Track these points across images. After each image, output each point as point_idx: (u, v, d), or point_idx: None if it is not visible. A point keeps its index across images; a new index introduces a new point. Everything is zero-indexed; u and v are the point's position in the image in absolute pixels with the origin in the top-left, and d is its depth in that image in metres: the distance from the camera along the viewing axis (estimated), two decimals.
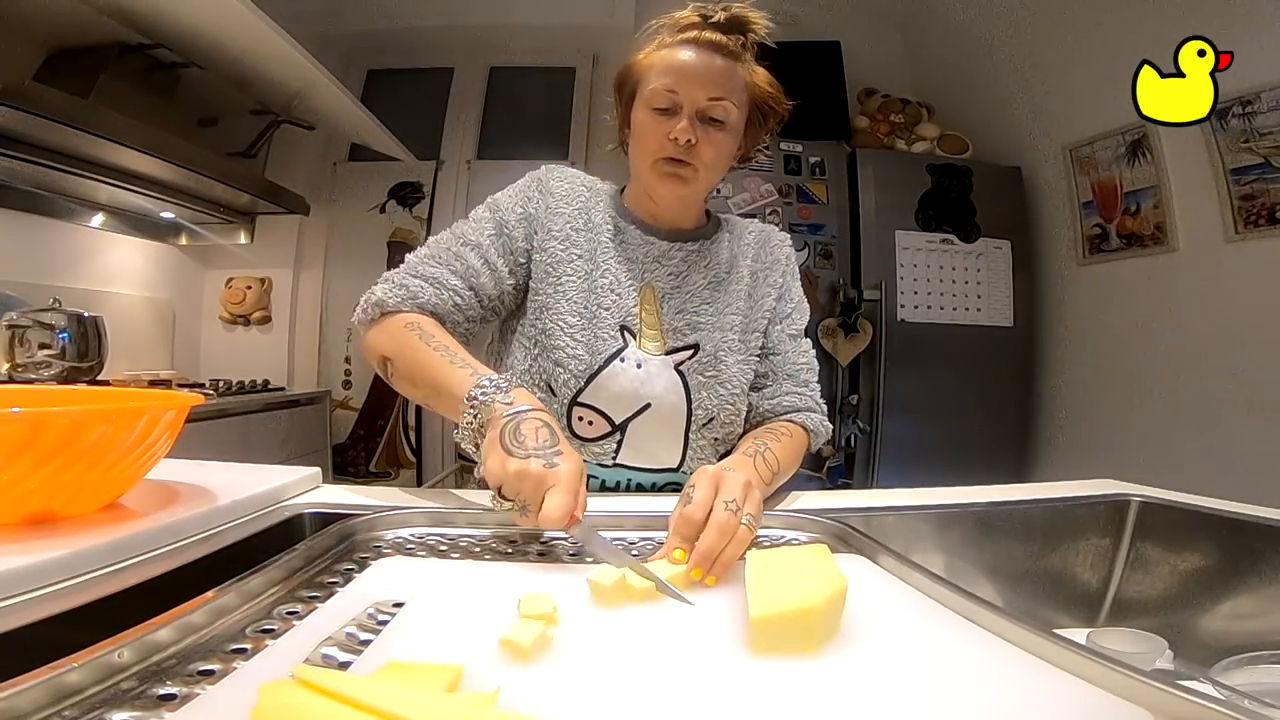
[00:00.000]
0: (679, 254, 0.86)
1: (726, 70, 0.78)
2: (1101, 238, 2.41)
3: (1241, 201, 1.96)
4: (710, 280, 0.86)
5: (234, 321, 3.02)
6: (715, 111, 0.78)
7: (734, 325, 0.85)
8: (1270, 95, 1.85)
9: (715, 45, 0.78)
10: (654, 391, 0.80)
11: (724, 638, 0.39)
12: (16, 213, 2.07)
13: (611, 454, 0.80)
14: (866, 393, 2.49)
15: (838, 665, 0.36)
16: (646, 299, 0.83)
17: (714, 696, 0.33)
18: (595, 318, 0.80)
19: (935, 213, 2.55)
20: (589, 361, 0.78)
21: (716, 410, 0.82)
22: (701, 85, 0.77)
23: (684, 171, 0.79)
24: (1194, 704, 0.31)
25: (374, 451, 3.10)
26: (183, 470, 0.66)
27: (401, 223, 3.10)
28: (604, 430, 0.80)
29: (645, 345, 0.81)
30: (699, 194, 0.86)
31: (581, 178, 0.90)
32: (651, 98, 0.79)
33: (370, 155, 3.04)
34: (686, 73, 0.77)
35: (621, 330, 0.81)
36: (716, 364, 0.82)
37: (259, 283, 3.02)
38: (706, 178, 0.82)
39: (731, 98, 0.78)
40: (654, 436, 0.81)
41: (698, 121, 0.78)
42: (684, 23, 0.80)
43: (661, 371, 0.80)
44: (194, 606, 0.39)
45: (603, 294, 0.81)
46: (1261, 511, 0.70)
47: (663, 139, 0.78)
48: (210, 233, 2.89)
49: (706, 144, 0.78)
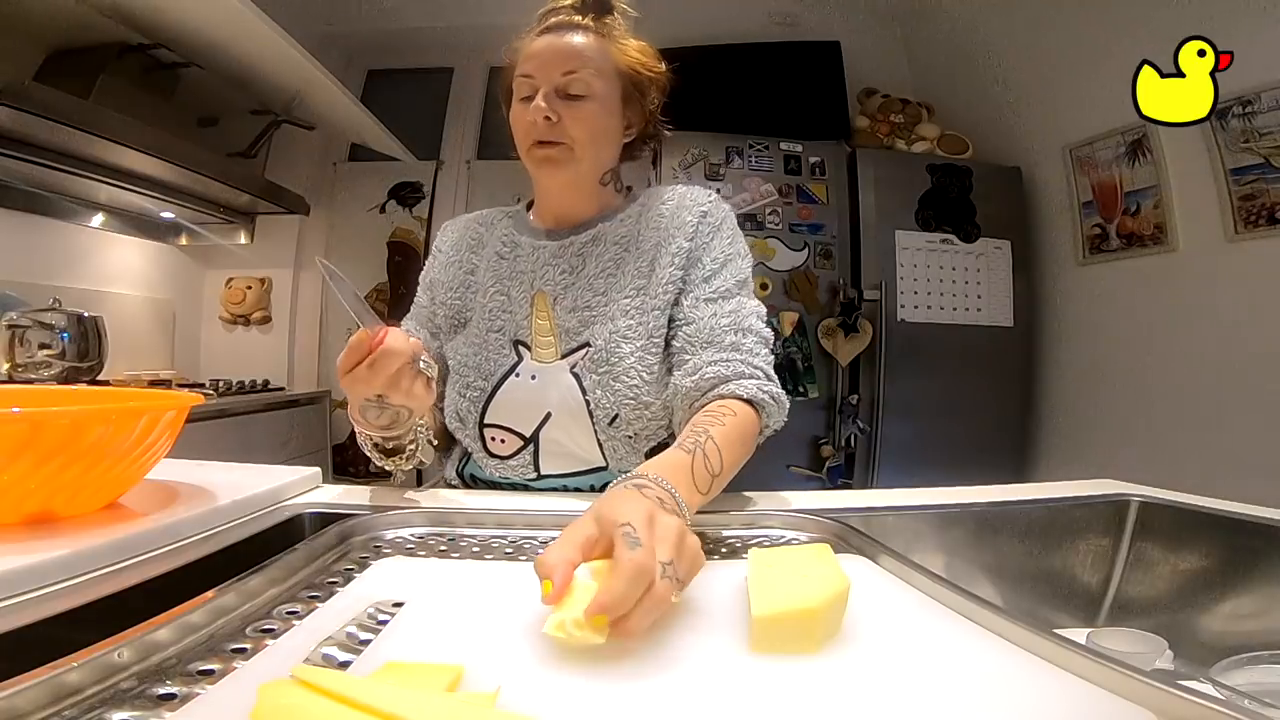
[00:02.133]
0: (569, 250, 0.83)
1: (580, 46, 0.78)
2: (1101, 238, 2.41)
3: (1241, 201, 1.96)
4: (604, 268, 0.82)
5: (234, 321, 3.02)
6: (573, 86, 0.77)
7: (628, 310, 0.79)
8: (1270, 95, 1.85)
9: (568, 25, 0.79)
10: (550, 400, 0.79)
11: (726, 637, 0.39)
12: (16, 213, 2.07)
13: (530, 465, 0.81)
14: (866, 393, 2.48)
15: (838, 665, 0.36)
16: (539, 307, 0.82)
17: (715, 696, 0.33)
18: (485, 342, 0.82)
19: (935, 213, 2.55)
20: (482, 385, 0.81)
21: (617, 408, 0.76)
22: (554, 63, 0.77)
23: (555, 152, 0.78)
24: (1194, 704, 0.31)
25: None
26: (183, 470, 0.66)
27: (401, 223, 3.10)
28: (517, 445, 0.81)
29: (540, 355, 0.81)
30: (584, 175, 0.82)
31: (476, 217, 0.94)
32: (518, 89, 0.79)
33: (370, 155, 3.04)
34: (540, 56, 0.78)
35: (515, 345, 0.82)
36: (610, 358, 0.77)
37: (259, 283, 3.02)
38: (584, 154, 0.79)
39: (586, 69, 0.77)
40: (566, 441, 0.80)
41: (557, 99, 0.77)
42: (541, 13, 0.81)
43: (556, 378, 0.79)
44: (194, 606, 0.39)
45: (493, 317, 0.83)
46: (1261, 511, 0.70)
47: (529, 125, 0.78)
48: (210, 233, 2.89)
49: (571, 119, 0.77)
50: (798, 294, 2.47)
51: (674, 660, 0.36)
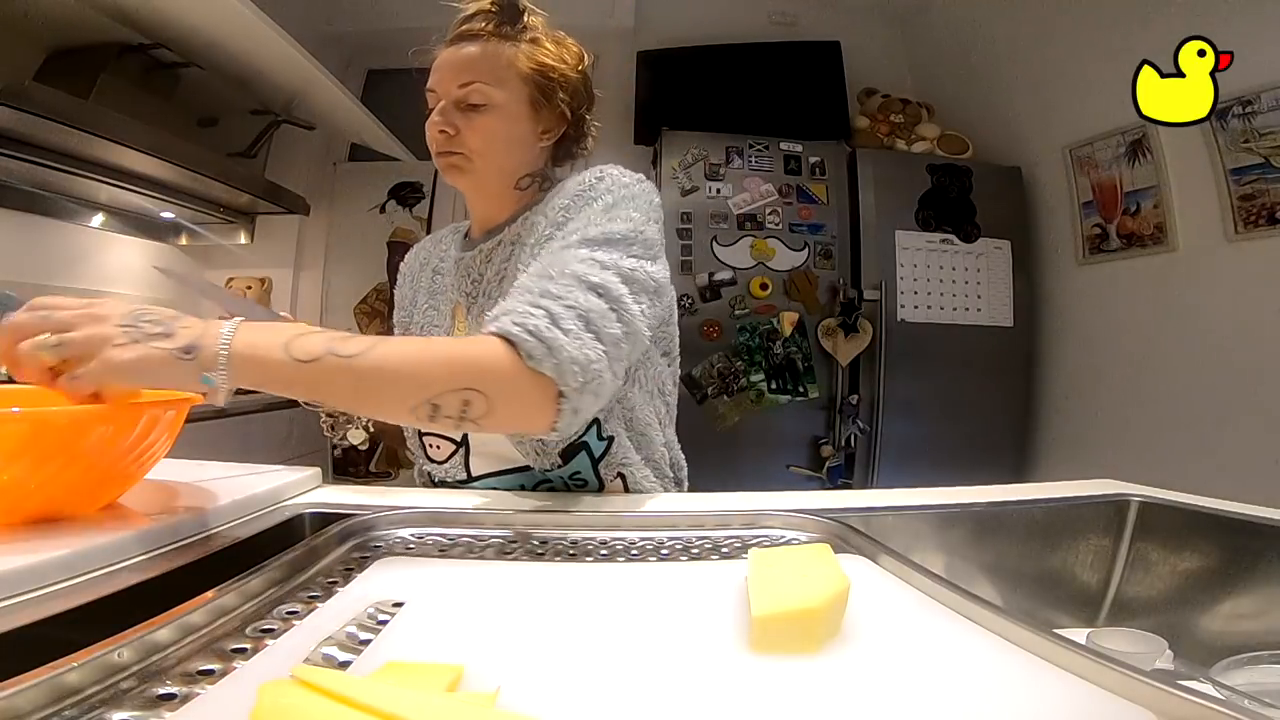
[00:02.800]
0: (479, 258, 0.84)
1: (476, 55, 0.78)
2: (1101, 238, 2.41)
3: (1241, 201, 1.96)
4: (498, 271, 0.82)
5: None
6: (472, 97, 0.78)
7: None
8: (1270, 95, 1.85)
9: (470, 35, 0.79)
10: None
11: (726, 637, 0.39)
12: (16, 213, 2.07)
13: (461, 467, 0.83)
14: (866, 393, 2.48)
15: (838, 665, 0.36)
16: (459, 318, 0.86)
17: (715, 696, 0.33)
18: None
19: (935, 213, 2.55)
20: None
21: None
22: (451, 75, 0.78)
23: (455, 160, 0.79)
24: (1194, 704, 0.31)
25: (374, 451, 3.10)
26: (183, 470, 0.66)
27: (401, 223, 3.10)
28: (450, 449, 0.84)
29: None
30: (488, 182, 0.82)
31: (433, 238, 0.97)
32: (429, 101, 0.81)
33: (370, 155, 3.04)
34: (440, 69, 0.79)
35: None
36: None
37: (259, 283, 3.01)
38: (483, 163, 0.79)
39: (484, 79, 0.77)
40: (489, 443, 0.82)
41: (456, 110, 0.78)
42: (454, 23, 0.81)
43: None
44: (194, 606, 0.39)
45: (426, 333, 0.87)
46: (1261, 511, 0.70)
47: (431, 138, 0.79)
48: (210, 233, 2.89)
49: (469, 130, 0.78)
50: (798, 294, 2.47)
51: (674, 660, 0.36)
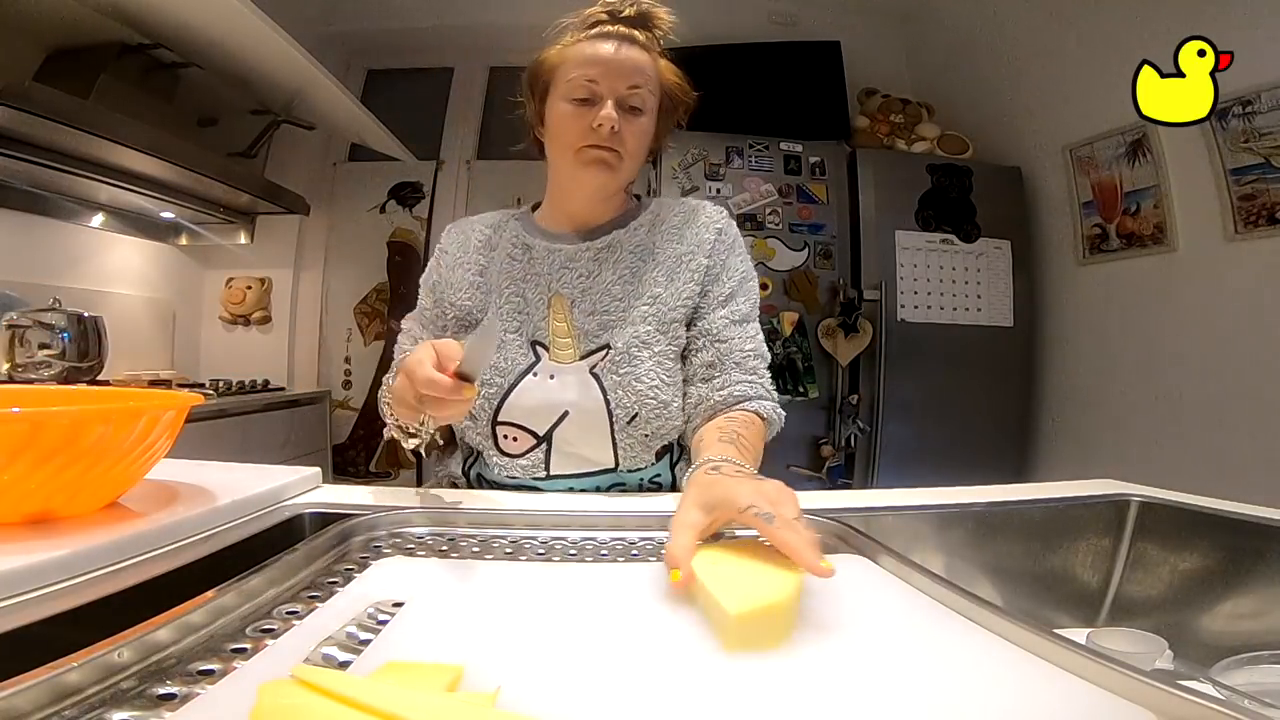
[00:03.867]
0: (587, 254, 0.85)
1: (641, 60, 0.81)
2: (1101, 238, 2.41)
3: (1241, 201, 1.96)
4: (621, 275, 0.84)
5: (234, 321, 3.02)
6: (634, 100, 0.81)
7: (647, 317, 0.82)
8: (1270, 95, 1.85)
9: (628, 37, 0.81)
10: (569, 399, 0.80)
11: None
12: (16, 213, 2.07)
13: (542, 464, 0.82)
14: (866, 393, 2.48)
15: (838, 665, 0.36)
16: (557, 309, 0.84)
17: (716, 697, 0.33)
18: (503, 343, 0.83)
19: (935, 213, 2.55)
20: (500, 382, 0.81)
21: (637, 407, 0.80)
22: (620, 75, 0.80)
23: (609, 157, 0.81)
24: (1194, 704, 0.31)
25: (374, 451, 3.10)
26: (183, 470, 0.66)
27: (401, 223, 3.10)
28: (529, 444, 0.82)
29: (558, 355, 0.82)
30: (621, 183, 0.86)
31: (481, 220, 0.93)
32: (570, 89, 0.80)
33: (370, 155, 3.04)
34: (605, 63, 0.79)
35: (533, 346, 0.83)
36: (630, 360, 0.80)
37: (259, 283, 3.02)
38: (629, 165, 0.83)
39: (647, 86, 0.81)
40: (579, 441, 0.81)
41: (619, 110, 0.80)
42: (593, 19, 0.83)
43: (575, 378, 0.81)
44: (194, 606, 0.39)
45: (509, 318, 0.84)
46: (1261, 511, 0.70)
47: (585, 129, 0.80)
48: (210, 233, 2.89)
49: (629, 131, 0.81)
50: (798, 294, 2.47)
51: (676, 661, 0.36)
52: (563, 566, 0.53)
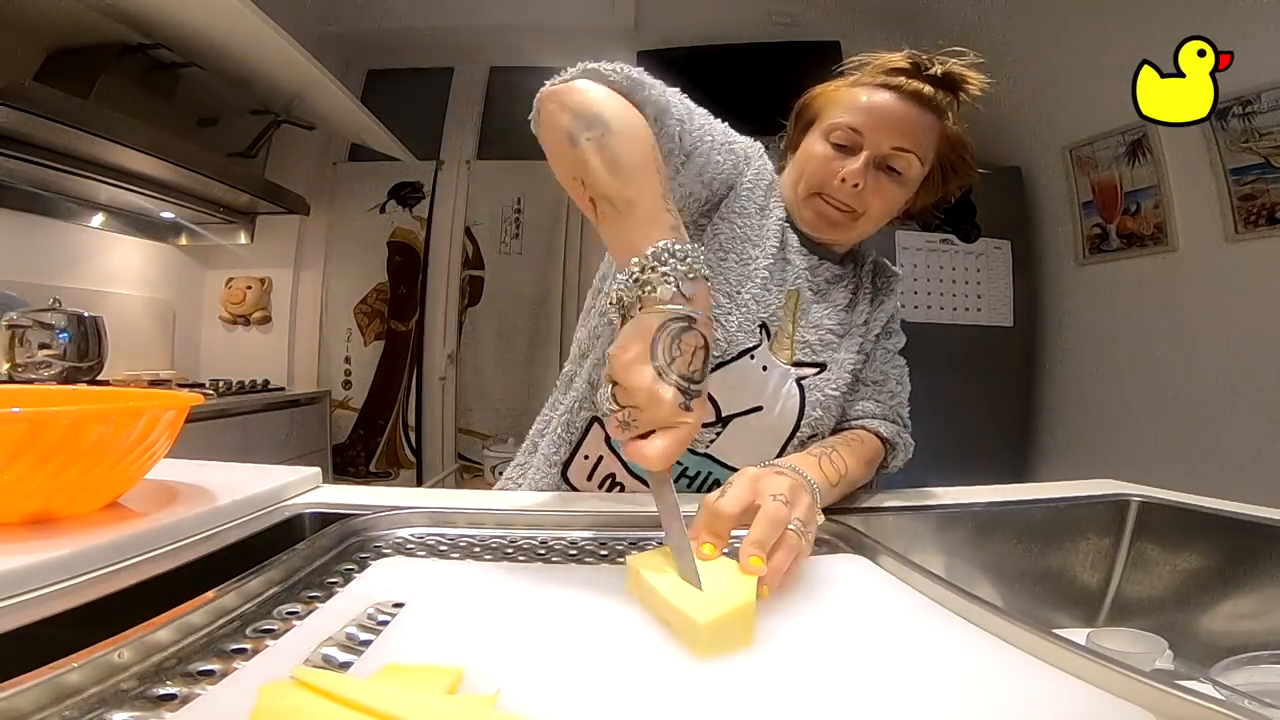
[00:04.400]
0: (826, 272, 0.83)
1: (922, 123, 0.74)
2: (1101, 238, 2.41)
3: (1241, 201, 1.96)
4: (842, 303, 0.84)
5: (234, 321, 3.02)
6: (896, 162, 0.74)
7: (857, 349, 0.83)
8: (1270, 95, 1.85)
9: (918, 96, 0.74)
10: (768, 394, 0.77)
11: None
12: (16, 213, 2.07)
13: (706, 443, 0.78)
14: None
15: (839, 665, 0.36)
16: (790, 304, 0.80)
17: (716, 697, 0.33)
18: (743, 305, 0.76)
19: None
20: (724, 348, 0.75)
21: (821, 428, 0.79)
22: (890, 132, 0.73)
23: (842, 219, 0.76)
24: (1194, 704, 0.31)
25: (374, 451, 3.10)
26: (183, 470, 0.66)
27: (401, 223, 3.10)
28: (710, 418, 0.76)
29: (777, 349, 0.79)
30: (847, 243, 0.84)
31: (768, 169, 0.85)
32: (831, 131, 0.76)
33: (370, 155, 3.04)
34: (878, 115, 0.73)
35: (761, 327, 0.78)
36: (840, 387, 0.80)
37: (259, 283, 3.02)
38: (864, 227, 0.79)
39: (918, 151, 0.75)
40: (754, 438, 0.78)
41: (873, 168, 0.74)
42: (892, 65, 0.75)
43: (783, 380, 0.78)
44: (194, 606, 0.39)
45: (756, 285, 0.76)
46: (1261, 511, 0.70)
47: (830, 177, 0.75)
48: (210, 233, 2.89)
49: (875, 193, 0.75)
50: None
51: (679, 663, 0.36)
52: (563, 567, 0.53)
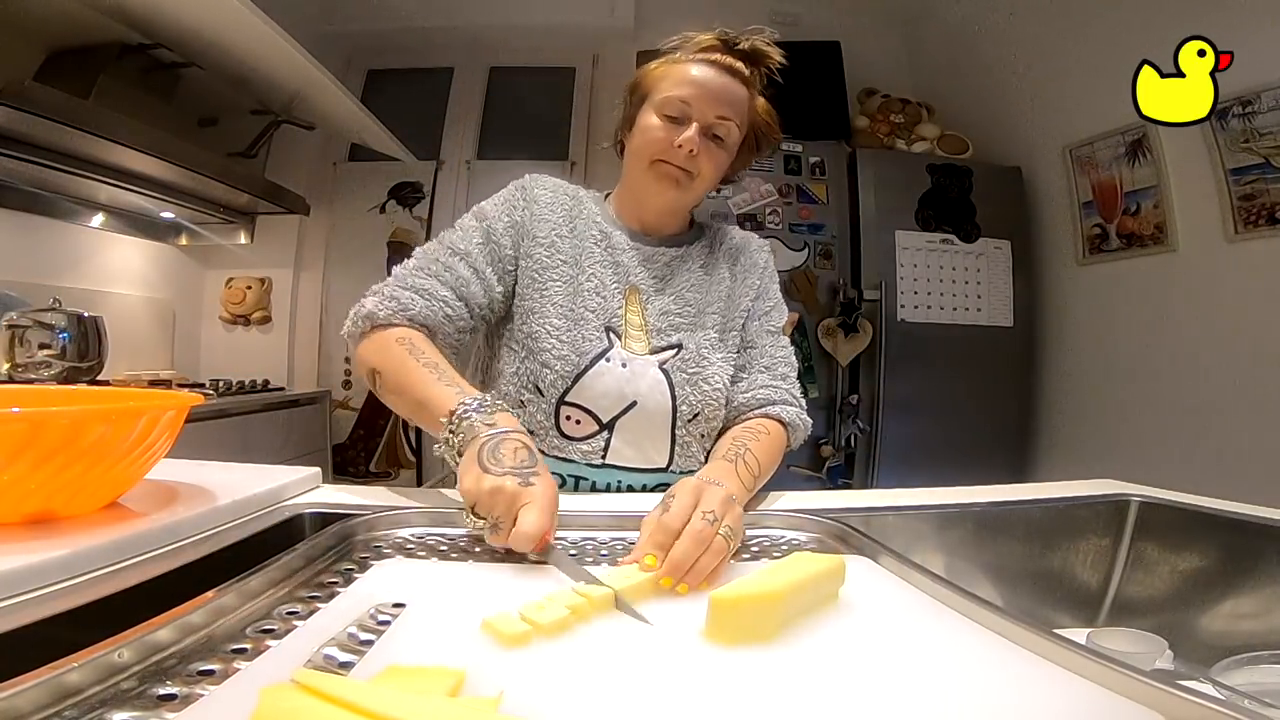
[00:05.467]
0: (664, 258, 0.90)
1: (738, 94, 0.84)
2: (1101, 238, 2.41)
3: (1241, 201, 1.96)
4: (691, 283, 0.89)
5: (234, 321, 3.02)
6: (720, 129, 0.84)
7: (714, 324, 0.88)
8: (1270, 95, 1.85)
9: (731, 69, 0.84)
10: (639, 389, 0.81)
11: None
12: (16, 213, 2.07)
13: (600, 452, 0.81)
14: (866, 393, 2.48)
15: (839, 665, 0.36)
16: (631, 300, 0.86)
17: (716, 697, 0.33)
18: (581, 319, 0.82)
19: (935, 213, 2.55)
20: (575, 361, 0.80)
21: (700, 406, 0.83)
22: (713, 102, 0.83)
23: (682, 177, 0.84)
24: (1194, 704, 0.31)
25: (374, 451, 3.10)
26: (183, 470, 0.66)
27: (401, 223, 3.10)
28: (592, 429, 0.81)
29: (630, 345, 0.83)
30: (687, 203, 0.91)
31: (565, 186, 0.93)
32: (664, 105, 0.84)
33: (370, 155, 3.04)
34: (703, 88, 0.83)
35: (606, 331, 0.83)
36: (699, 361, 0.84)
37: (259, 283, 3.02)
38: (700, 188, 0.87)
39: (736, 119, 0.85)
40: (641, 434, 0.82)
41: (703, 135, 0.83)
42: (707, 43, 0.86)
43: (646, 370, 0.82)
44: (194, 606, 0.39)
45: (588, 296, 0.83)
46: (1261, 511, 0.70)
47: (668, 144, 0.83)
48: (210, 233, 2.89)
49: (706, 157, 0.84)
50: (798, 294, 2.47)
51: (681, 665, 0.36)
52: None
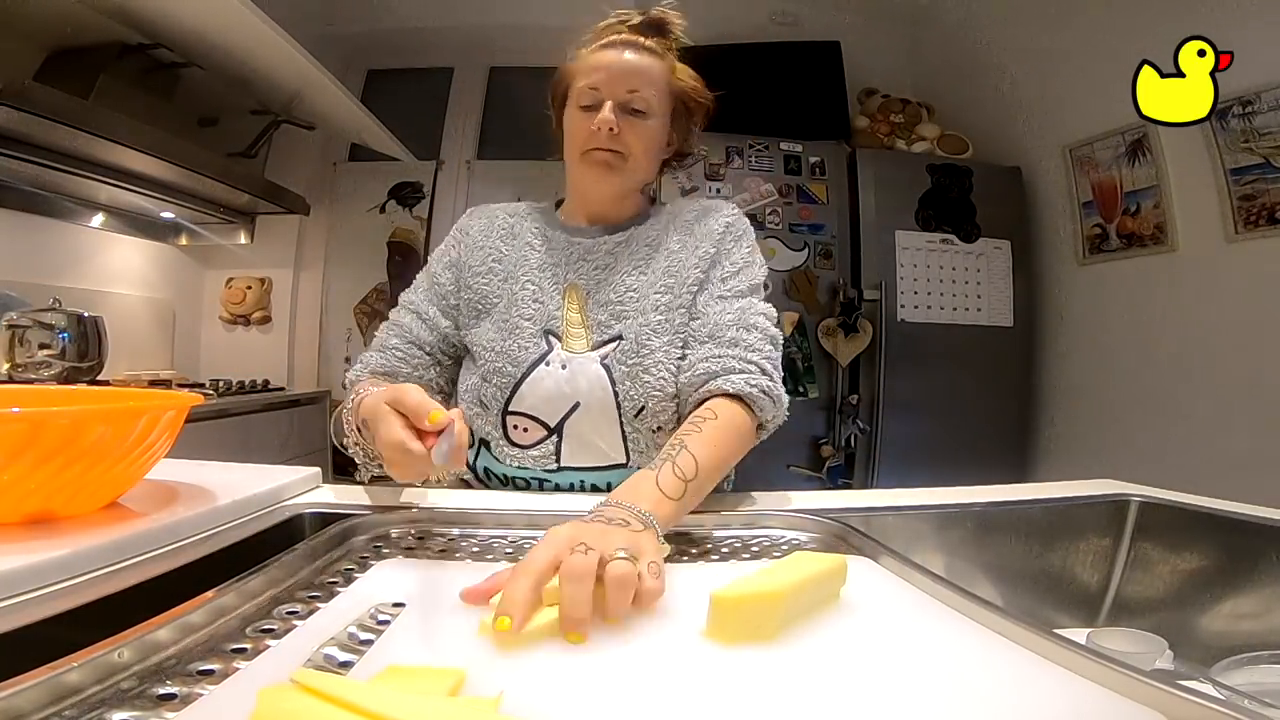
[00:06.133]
0: (604, 246, 0.87)
1: (643, 65, 0.84)
2: (1101, 238, 2.41)
3: (1241, 201, 1.95)
4: (635, 266, 0.86)
5: (234, 321, 3.02)
6: (635, 103, 0.83)
7: (658, 306, 0.82)
8: (1270, 95, 1.85)
9: (631, 44, 0.85)
10: (579, 389, 0.80)
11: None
12: (16, 213, 2.07)
13: (552, 456, 0.81)
14: (866, 393, 2.48)
15: (840, 664, 0.36)
16: (571, 299, 0.85)
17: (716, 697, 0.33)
18: (516, 328, 0.82)
19: (935, 213, 2.55)
20: (511, 371, 0.81)
21: (644, 400, 0.78)
22: (619, 79, 0.83)
23: (611, 158, 0.84)
24: (1194, 704, 0.31)
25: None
26: (183, 470, 0.66)
27: (401, 223, 3.10)
28: (540, 435, 0.81)
29: (570, 345, 0.82)
30: (630, 183, 0.89)
31: (505, 208, 0.95)
32: (579, 97, 0.84)
33: (370, 155, 3.04)
34: (606, 69, 0.83)
35: (546, 335, 0.83)
36: (639, 351, 0.79)
37: (259, 283, 3.01)
38: (635, 165, 0.85)
39: (651, 89, 0.84)
40: (590, 433, 0.80)
41: (620, 112, 0.82)
42: (605, 27, 0.87)
43: (586, 368, 0.80)
44: (194, 606, 0.39)
45: (523, 305, 0.84)
46: (1261, 511, 0.70)
47: (589, 132, 0.83)
48: (210, 233, 2.89)
49: (630, 132, 0.83)
50: (798, 294, 2.47)
51: (682, 666, 0.36)
52: None
